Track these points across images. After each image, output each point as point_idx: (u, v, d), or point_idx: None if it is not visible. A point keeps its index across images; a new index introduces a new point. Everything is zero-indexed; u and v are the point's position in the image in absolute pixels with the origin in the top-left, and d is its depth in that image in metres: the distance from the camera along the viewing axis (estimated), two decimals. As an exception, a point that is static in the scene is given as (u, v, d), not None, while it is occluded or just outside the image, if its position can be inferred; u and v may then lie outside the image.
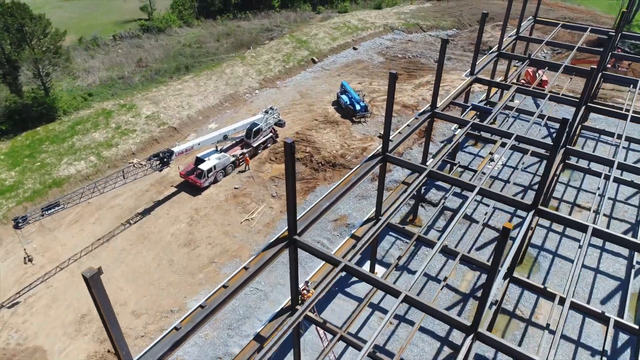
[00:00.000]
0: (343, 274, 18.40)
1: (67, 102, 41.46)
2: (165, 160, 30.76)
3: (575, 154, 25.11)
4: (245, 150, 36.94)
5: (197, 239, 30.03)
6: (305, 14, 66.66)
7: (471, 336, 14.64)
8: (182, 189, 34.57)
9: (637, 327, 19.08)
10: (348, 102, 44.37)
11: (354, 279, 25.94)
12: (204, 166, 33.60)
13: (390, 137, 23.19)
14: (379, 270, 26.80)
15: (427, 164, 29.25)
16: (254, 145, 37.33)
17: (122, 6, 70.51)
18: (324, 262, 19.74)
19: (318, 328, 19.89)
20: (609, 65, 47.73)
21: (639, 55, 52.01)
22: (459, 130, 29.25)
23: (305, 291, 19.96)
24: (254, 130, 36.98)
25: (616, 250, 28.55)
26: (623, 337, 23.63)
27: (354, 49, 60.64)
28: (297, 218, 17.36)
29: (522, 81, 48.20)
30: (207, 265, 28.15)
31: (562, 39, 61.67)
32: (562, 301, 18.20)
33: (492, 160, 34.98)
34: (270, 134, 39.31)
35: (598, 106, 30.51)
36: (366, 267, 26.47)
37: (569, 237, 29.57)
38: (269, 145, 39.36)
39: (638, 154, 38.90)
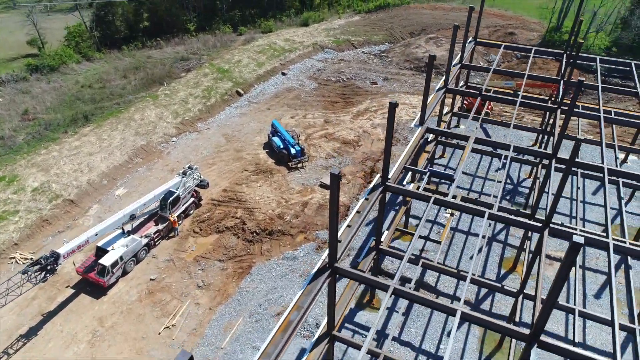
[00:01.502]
0: (392, 297, 17.30)
1: None
2: (49, 267, 23.58)
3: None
4: (160, 227, 30.23)
5: (101, 367, 23.18)
6: (226, 37, 60.13)
7: (534, 345, 13.88)
8: (82, 288, 27.35)
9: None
10: (281, 146, 38.74)
11: None
12: (106, 260, 26.60)
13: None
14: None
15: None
16: (172, 218, 30.69)
17: (7, 40, 60.10)
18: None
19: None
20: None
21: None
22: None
23: None
24: (169, 200, 30.34)
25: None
26: None
27: (283, 74, 55.05)
28: None
29: (465, 105, 44.96)
30: (116, 407, 21.48)
31: (506, 58, 59.69)
32: None
33: (452, 214, 30.79)
34: (192, 199, 32.83)
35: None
36: None
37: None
38: (190, 212, 32.86)
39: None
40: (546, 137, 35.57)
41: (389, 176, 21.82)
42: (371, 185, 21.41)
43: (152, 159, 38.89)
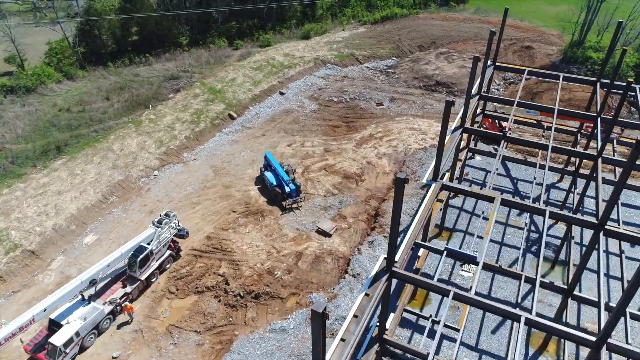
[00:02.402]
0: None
1: None
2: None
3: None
4: (129, 289, 25.96)
5: None
6: (220, 52, 55.91)
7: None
8: (31, 369, 23.14)
9: None
10: (274, 183, 34.39)
11: None
12: (58, 339, 22.34)
13: None
14: None
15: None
16: (143, 278, 26.43)
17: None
18: None
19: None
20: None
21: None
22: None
23: None
24: (139, 259, 26.03)
25: None
26: None
27: (281, 93, 50.72)
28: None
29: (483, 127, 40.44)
30: None
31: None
32: None
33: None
34: (169, 252, 28.54)
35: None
36: None
37: None
38: (167, 267, 28.57)
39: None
40: (578, 181, 31.03)
41: (396, 258, 17.42)
42: (373, 271, 16.99)
43: (129, 197, 34.66)
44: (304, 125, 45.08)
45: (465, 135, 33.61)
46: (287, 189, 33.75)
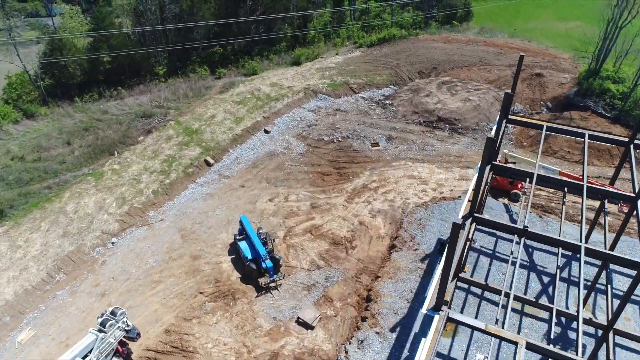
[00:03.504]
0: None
1: None
2: None
3: None
4: (58, 421, 20.94)
5: None
6: (201, 82, 50.90)
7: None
8: None
9: None
10: (249, 257, 29.37)
11: None
12: None
13: None
14: None
15: None
16: (78, 400, 21.41)
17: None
18: None
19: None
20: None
21: None
22: None
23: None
24: (71, 380, 21.01)
25: None
26: None
27: (266, 132, 45.70)
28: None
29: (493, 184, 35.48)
30: None
31: (534, 109, 49.90)
32: None
33: None
34: (117, 356, 23.50)
35: None
36: None
37: None
38: (113, 377, 23.52)
39: None
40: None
41: None
42: None
43: (79, 275, 29.63)
44: (289, 173, 40.04)
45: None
46: (263, 265, 28.74)
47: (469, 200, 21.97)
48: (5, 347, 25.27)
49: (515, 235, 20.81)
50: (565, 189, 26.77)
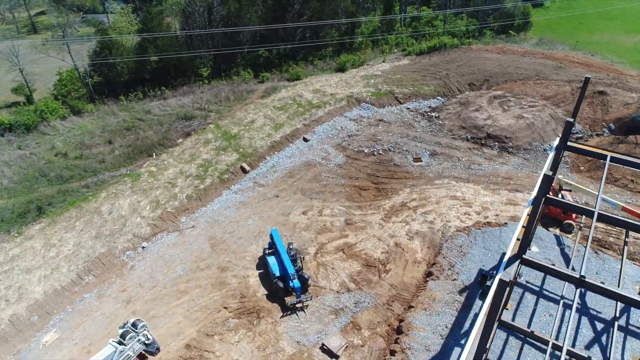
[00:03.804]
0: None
1: None
2: None
3: None
4: None
5: None
6: (243, 86, 50.52)
7: None
8: None
9: None
10: (277, 274, 28.27)
11: None
12: None
13: None
14: None
15: None
16: (92, 418, 20.94)
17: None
18: None
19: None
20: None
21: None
22: None
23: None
24: (85, 396, 20.55)
25: None
26: None
27: (305, 140, 44.62)
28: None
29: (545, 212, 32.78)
30: None
31: (595, 130, 46.12)
32: None
33: None
34: (133, 372, 22.98)
35: None
36: None
37: None
38: (130, 392, 23.00)
39: None
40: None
41: None
42: None
43: (108, 278, 29.55)
44: (325, 185, 38.74)
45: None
46: (290, 284, 27.54)
47: (517, 239, 19.78)
48: (30, 347, 25.36)
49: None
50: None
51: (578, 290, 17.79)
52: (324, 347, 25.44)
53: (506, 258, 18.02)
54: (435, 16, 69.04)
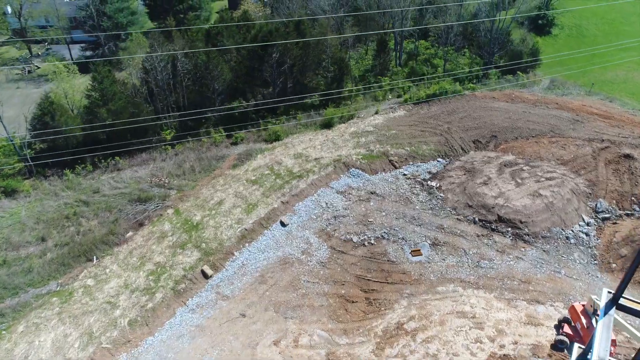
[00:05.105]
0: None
1: None
2: None
3: None
4: None
5: None
6: (213, 151, 43.40)
7: None
8: None
9: None
10: None
11: None
12: None
13: None
14: None
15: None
16: None
17: None
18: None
19: None
20: None
21: None
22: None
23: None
24: None
25: None
26: None
27: (282, 224, 37.56)
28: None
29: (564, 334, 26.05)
30: None
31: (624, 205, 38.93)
32: None
33: None
34: None
35: None
36: None
37: None
38: None
39: None
40: None
41: None
42: None
43: None
44: (304, 295, 31.69)
45: None
46: None
47: None
48: None
49: None
50: None
51: None
52: None
53: None
54: (435, 52, 62.08)
